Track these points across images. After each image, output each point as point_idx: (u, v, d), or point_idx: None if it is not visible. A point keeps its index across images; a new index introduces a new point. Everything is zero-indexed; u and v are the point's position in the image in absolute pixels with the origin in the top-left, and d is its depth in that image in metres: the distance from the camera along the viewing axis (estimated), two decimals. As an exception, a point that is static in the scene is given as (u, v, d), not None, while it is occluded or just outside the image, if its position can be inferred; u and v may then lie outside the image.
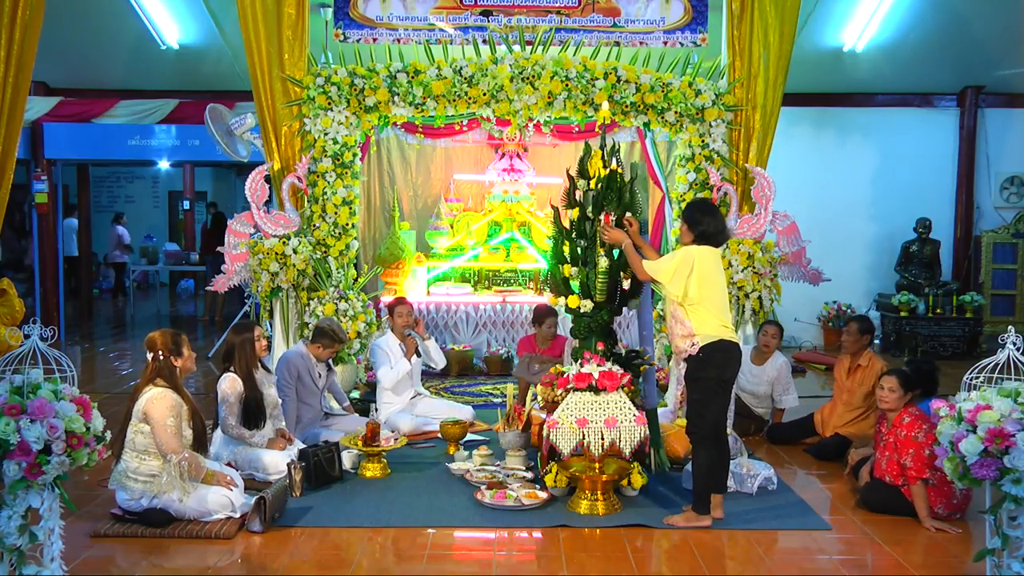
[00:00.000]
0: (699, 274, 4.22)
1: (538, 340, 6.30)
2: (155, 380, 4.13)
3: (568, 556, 3.88)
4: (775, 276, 6.49)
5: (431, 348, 6.19)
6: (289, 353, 5.52)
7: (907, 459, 4.30)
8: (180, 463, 4.04)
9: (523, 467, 4.97)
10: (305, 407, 5.44)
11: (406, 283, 8.41)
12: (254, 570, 3.76)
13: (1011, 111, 10.01)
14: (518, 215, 8.95)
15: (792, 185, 7.86)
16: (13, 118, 4.79)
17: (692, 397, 4.30)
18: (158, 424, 4.01)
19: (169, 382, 4.13)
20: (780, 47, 6.63)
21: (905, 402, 4.49)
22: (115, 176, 17.46)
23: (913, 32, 8.93)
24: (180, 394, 4.13)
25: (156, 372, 4.13)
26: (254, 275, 6.38)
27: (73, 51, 9.11)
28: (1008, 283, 9.91)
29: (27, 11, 4.77)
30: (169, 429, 4.02)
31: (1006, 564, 3.28)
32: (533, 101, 6.52)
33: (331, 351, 5.47)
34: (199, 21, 8.78)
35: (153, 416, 4.02)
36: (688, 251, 4.29)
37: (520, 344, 6.55)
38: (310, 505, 4.44)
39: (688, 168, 6.78)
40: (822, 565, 3.88)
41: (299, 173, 6.44)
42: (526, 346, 6.39)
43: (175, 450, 4.03)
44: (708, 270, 4.26)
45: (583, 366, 4.42)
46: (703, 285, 4.22)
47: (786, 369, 5.96)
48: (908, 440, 4.33)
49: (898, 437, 4.38)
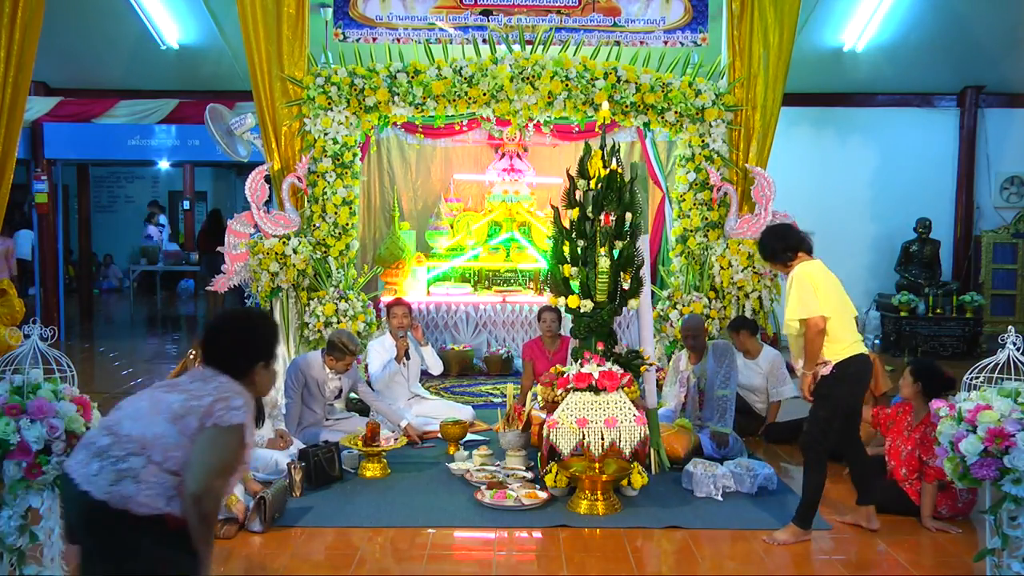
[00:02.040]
0: (821, 291, 3.97)
1: (545, 342, 6.21)
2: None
3: (568, 556, 3.88)
4: (775, 276, 6.49)
5: (427, 354, 6.15)
6: (300, 359, 5.50)
7: (931, 459, 4.14)
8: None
9: (523, 467, 4.97)
10: (308, 412, 5.44)
11: (406, 283, 8.41)
12: (254, 570, 3.76)
13: (1011, 111, 10.01)
14: (518, 215, 8.95)
15: (792, 185, 7.86)
16: (13, 118, 4.79)
17: (819, 414, 4.04)
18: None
19: None
20: (780, 47, 6.63)
21: (917, 391, 4.46)
22: (115, 176, 17.46)
23: (913, 32, 8.93)
24: None
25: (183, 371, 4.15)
26: (254, 275, 6.38)
27: (73, 51, 9.11)
28: (1008, 283, 9.92)
29: (27, 11, 4.77)
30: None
31: (1006, 564, 3.28)
32: (533, 101, 6.52)
33: (344, 363, 5.39)
34: (199, 21, 8.79)
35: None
36: (799, 277, 4.00)
37: (525, 348, 6.31)
38: (310, 505, 4.44)
39: (688, 168, 6.78)
40: (822, 565, 3.88)
41: (299, 173, 6.44)
42: (533, 349, 6.23)
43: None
44: (825, 286, 4.01)
45: (583, 366, 4.42)
46: (826, 302, 3.96)
47: (779, 361, 5.97)
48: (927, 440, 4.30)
49: (925, 435, 4.30)
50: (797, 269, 4.06)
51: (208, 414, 2.38)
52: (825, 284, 4.01)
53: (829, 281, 4.05)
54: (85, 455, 2.35)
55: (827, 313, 3.93)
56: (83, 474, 2.30)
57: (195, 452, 2.33)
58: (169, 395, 2.44)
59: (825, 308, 3.93)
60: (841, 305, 4.03)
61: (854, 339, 4.03)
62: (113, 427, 2.39)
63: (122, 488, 2.27)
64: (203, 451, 2.34)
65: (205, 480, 2.31)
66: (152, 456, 2.32)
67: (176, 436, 2.35)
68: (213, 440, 2.36)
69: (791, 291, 4.01)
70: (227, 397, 2.42)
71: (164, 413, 2.39)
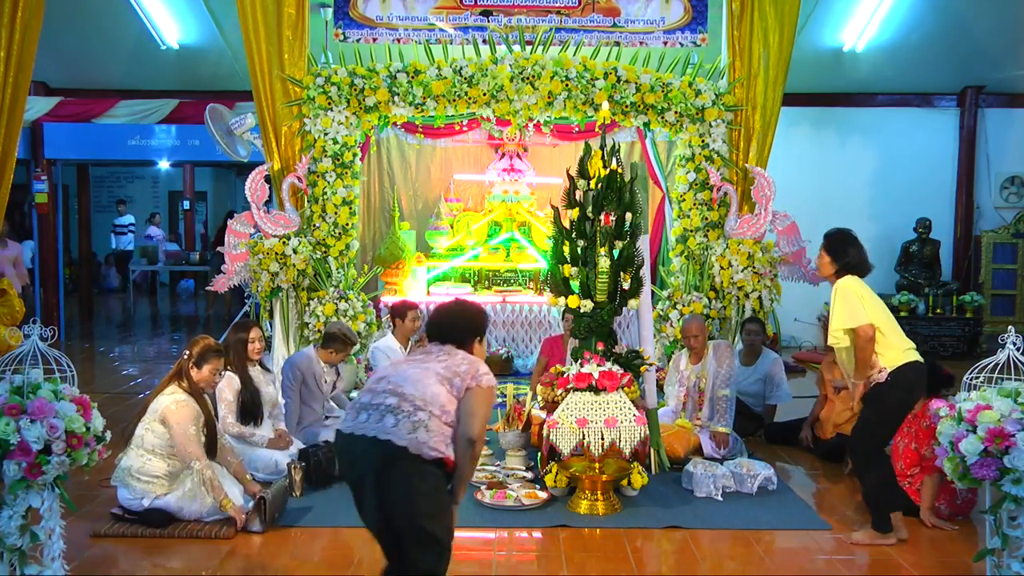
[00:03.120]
0: (867, 301, 3.99)
1: (565, 340, 6.20)
2: (179, 381, 4.16)
3: (568, 556, 3.88)
4: (775, 276, 6.49)
5: None
6: (296, 356, 5.50)
7: (928, 451, 4.22)
8: (203, 472, 4.04)
9: (523, 467, 4.97)
10: (308, 409, 5.43)
11: (406, 283, 8.41)
12: (254, 570, 3.76)
13: (1011, 111, 10.00)
14: (518, 215, 8.94)
15: (792, 185, 7.86)
16: (13, 118, 4.79)
17: (871, 418, 4.06)
18: (178, 432, 4.02)
19: (190, 388, 4.15)
20: (780, 47, 6.63)
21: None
22: (115, 176, 17.46)
23: (913, 32, 8.93)
24: (199, 402, 4.15)
25: (178, 372, 4.18)
26: (254, 275, 6.38)
27: (73, 51, 9.11)
28: (1008, 283, 9.92)
29: (27, 11, 4.76)
30: (190, 437, 4.03)
31: (1006, 564, 3.28)
32: (533, 101, 6.52)
33: (344, 355, 5.43)
34: (199, 21, 8.78)
35: (173, 423, 4.03)
36: (843, 288, 4.02)
37: (544, 344, 6.36)
38: (310, 505, 4.45)
39: (688, 168, 6.78)
40: (822, 565, 3.88)
41: (299, 173, 6.44)
42: (552, 346, 6.22)
43: (198, 456, 4.03)
44: (870, 297, 4.02)
45: (583, 366, 4.42)
46: (873, 311, 3.98)
47: (778, 366, 5.96)
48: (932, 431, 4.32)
49: (920, 428, 4.35)
50: (841, 282, 4.05)
51: (472, 376, 3.00)
52: (870, 295, 4.03)
53: (872, 294, 4.06)
54: (374, 413, 2.91)
55: (875, 322, 3.94)
56: (379, 427, 2.86)
57: (467, 407, 2.96)
58: (430, 364, 3.04)
59: (872, 317, 3.94)
60: (886, 315, 4.05)
61: (907, 345, 4.04)
62: (395, 390, 2.94)
63: (418, 435, 2.85)
64: (474, 406, 2.97)
65: (479, 427, 2.96)
66: (432, 411, 2.90)
67: (446, 394, 2.95)
68: (479, 397, 2.99)
69: (835, 303, 4.02)
70: (477, 364, 3.08)
71: (433, 377, 2.97)
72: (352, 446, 2.92)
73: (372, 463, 2.87)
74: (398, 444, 2.83)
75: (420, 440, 2.85)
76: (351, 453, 2.95)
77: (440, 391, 2.95)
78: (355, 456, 2.93)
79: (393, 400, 2.92)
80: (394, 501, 2.86)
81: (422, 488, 2.86)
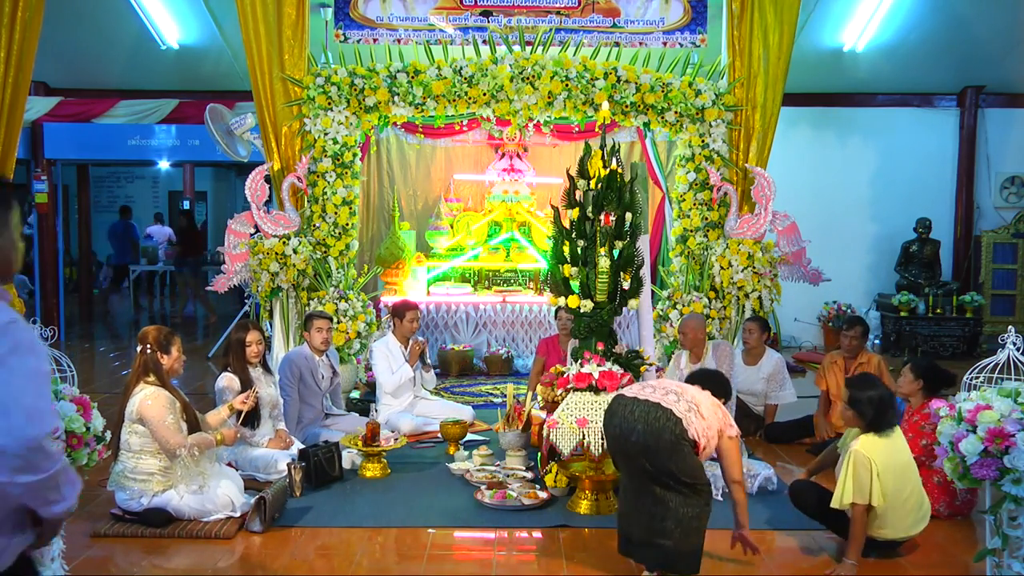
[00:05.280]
0: (882, 475, 3.64)
1: (561, 340, 6.21)
2: (145, 377, 4.12)
3: (568, 556, 3.88)
4: (775, 276, 6.49)
5: (429, 379, 6.19)
6: (291, 353, 5.52)
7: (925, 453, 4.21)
8: (191, 452, 4.05)
9: (523, 467, 4.97)
10: (307, 407, 5.44)
11: (406, 283, 8.41)
12: (254, 570, 3.76)
13: (1011, 111, 10.01)
14: (518, 215, 8.95)
15: (792, 185, 7.86)
16: (13, 118, 4.80)
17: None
18: (157, 424, 4.00)
19: (157, 378, 4.12)
20: (780, 47, 6.64)
21: (917, 388, 4.47)
22: (115, 176, 17.47)
23: (913, 32, 8.93)
24: (169, 390, 4.13)
25: (144, 367, 4.12)
26: (254, 275, 6.38)
27: (73, 51, 9.12)
28: (1008, 283, 9.92)
29: (27, 11, 4.77)
30: (170, 427, 4.02)
31: (1006, 564, 3.28)
32: (533, 101, 6.53)
33: (327, 328, 5.45)
34: (199, 21, 8.79)
35: (150, 417, 4.01)
36: (859, 455, 3.65)
37: (541, 345, 6.39)
38: (310, 505, 4.44)
39: (688, 168, 6.78)
40: (822, 565, 3.88)
41: (299, 173, 6.44)
42: (548, 346, 6.23)
43: (181, 444, 4.03)
44: (884, 466, 3.64)
45: (583, 366, 4.42)
46: (884, 486, 3.63)
47: (780, 365, 5.96)
48: (914, 426, 4.37)
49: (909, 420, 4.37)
50: (859, 444, 3.70)
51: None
52: (885, 466, 3.66)
53: (892, 460, 3.71)
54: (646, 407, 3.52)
55: (879, 501, 3.64)
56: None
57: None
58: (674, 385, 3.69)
59: (877, 496, 3.63)
60: (895, 490, 3.69)
61: (906, 524, 3.75)
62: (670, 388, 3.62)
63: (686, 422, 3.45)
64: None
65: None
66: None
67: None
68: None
69: (847, 468, 3.68)
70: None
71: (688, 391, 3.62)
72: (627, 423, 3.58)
73: (648, 440, 3.49)
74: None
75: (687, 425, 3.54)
76: (623, 430, 3.57)
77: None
78: (626, 431, 3.56)
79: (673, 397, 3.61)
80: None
81: (681, 464, 3.47)
